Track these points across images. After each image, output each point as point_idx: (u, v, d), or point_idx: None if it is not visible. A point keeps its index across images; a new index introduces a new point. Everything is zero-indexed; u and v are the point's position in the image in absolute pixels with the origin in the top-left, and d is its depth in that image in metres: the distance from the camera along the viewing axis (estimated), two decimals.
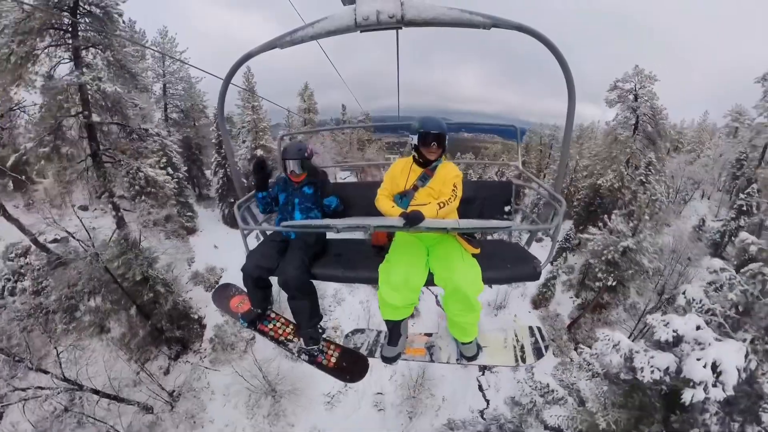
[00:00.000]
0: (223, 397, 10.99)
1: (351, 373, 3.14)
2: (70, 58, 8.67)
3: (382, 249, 2.63)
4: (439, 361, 2.96)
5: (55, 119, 8.11)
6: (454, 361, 2.92)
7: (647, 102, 17.35)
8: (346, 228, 2.05)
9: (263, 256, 2.77)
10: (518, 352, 3.00)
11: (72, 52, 8.52)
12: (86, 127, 8.75)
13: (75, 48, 8.38)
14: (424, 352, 3.02)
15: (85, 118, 8.41)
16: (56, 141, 8.44)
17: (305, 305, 2.81)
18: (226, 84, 2.15)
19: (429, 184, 2.40)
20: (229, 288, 3.79)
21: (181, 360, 11.22)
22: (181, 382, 10.51)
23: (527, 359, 2.95)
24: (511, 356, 2.97)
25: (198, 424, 9.98)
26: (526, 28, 1.64)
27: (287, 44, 1.75)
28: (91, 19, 8.04)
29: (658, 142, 17.34)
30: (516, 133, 3.56)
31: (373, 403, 11.74)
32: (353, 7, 1.61)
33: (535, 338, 3.10)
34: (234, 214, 2.69)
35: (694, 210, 27.44)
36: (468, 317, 2.47)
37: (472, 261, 2.34)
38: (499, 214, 3.03)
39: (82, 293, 10.91)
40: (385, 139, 42.97)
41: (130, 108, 8.94)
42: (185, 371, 10.73)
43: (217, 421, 10.44)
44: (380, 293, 2.40)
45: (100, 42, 8.51)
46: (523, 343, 3.07)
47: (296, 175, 2.90)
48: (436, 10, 1.60)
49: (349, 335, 3.35)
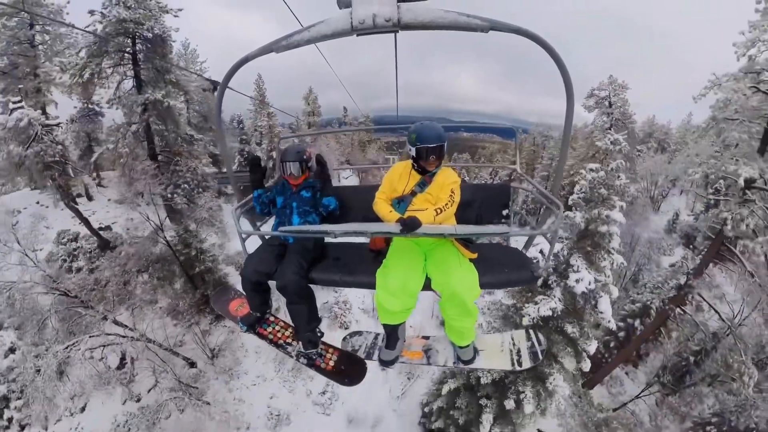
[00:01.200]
0: (255, 355, 13.08)
1: (349, 376, 3.11)
2: (132, 76, 10.71)
3: (379, 253, 2.63)
4: (436, 364, 2.96)
5: (126, 126, 10.12)
6: (451, 364, 2.93)
7: (620, 108, 19.46)
8: (343, 233, 2.06)
9: (261, 261, 2.78)
10: (514, 356, 3.01)
11: (134, 72, 10.56)
12: (146, 133, 10.79)
13: (136, 69, 10.43)
14: (422, 355, 3.03)
15: (147, 125, 10.43)
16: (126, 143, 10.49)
17: (303, 309, 2.80)
18: (223, 87, 2.17)
19: (427, 190, 2.42)
20: (228, 291, 3.77)
21: (221, 324, 13.30)
22: (221, 341, 12.55)
23: (523, 363, 2.97)
24: (508, 360, 2.98)
25: (234, 376, 12.11)
26: (524, 30, 1.65)
27: (283, 48, 1.74)
28: (149, 45, 10.11)
29: (629, 144, 19.45)
30: (515, 134, 3.63)
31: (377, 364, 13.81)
32: (349, 11, 1.59)
33: (531, 342, 3.11)
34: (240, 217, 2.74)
35: (672, 205, 29.61)
36: (464, 321, 2.50)
37: (470, 266, 2.35)
38: (497, 217, 3.01)
39: (131, 271, 12.93)
40: (384, 139, 43.87)
41: (180, 117, 10.96)
42: (224, 333, 12.84)
43: (250, 374, 12.56)
44: (378, 298, 2.41)
45: (156, 63, 10.55)
46: (520, 347, 3.09)
47: (294, 178, 2.89)
48: (433, 13, 1.58)
49: (347, 338, 3.39)
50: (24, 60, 15.25)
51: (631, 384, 16.30)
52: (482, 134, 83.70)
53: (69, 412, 10.84)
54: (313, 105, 32.73)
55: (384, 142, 44.04)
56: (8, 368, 11.00)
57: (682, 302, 11.64)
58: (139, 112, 10.36)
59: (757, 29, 9.08)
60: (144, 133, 10.70)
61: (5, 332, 11.72)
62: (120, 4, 9.57)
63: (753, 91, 9.03)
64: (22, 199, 16.60)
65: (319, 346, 3.07)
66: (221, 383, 11.69)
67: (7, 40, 14.67)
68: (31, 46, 15.33)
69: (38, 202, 16.26)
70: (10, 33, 14.84)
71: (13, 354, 11.33)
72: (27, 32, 15.16)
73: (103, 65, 10.36)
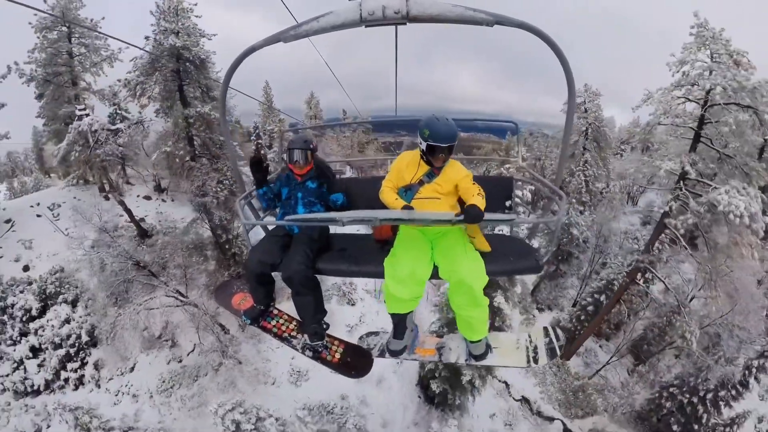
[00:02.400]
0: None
1: (355, 368, 3.07)
2: (176, 90, 12.71)
3: (385, 243, 2.63)
4: (447, 360, 2.93)
5: (173, 132, 12.13)
6: (463, 361, 2.88)
7: (594, 113, 21.82)
8: (351, 221, 2.07)
9: (266, 252, 2.74)
10: (531, 352, 2.93)
11: (178, 87, 12.57)
12: (188, 138, 12.82)
13: (180, 85, 12.46)
14: (434, 352, 2.99)
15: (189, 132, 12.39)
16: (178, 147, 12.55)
17: (310, 301, 2.77)
18: (229, 77, 2.13)
19: (435, 181, 2.44)
20: (231, 285, 3.74)
21: None
22: None
23: (540, 360, 2.87)
24: (523, 357, 2.90)
25: (261, 341, 13.95)
26: (528, 25, 1.66)
27: (291, 38, 1.74)
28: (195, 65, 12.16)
29: (602, 144, 21.87)
30: (517, 129, 3.65)
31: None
32: (359, 2, 1.61)
33: (549, 338, 3.00)
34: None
35: (648, 200, 32.08)
36: (473, 311, 2.47)
37: (476, 254, 2.39)
38: (500, 209, 3.04)
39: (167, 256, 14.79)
40: (382, 139, 43.90)
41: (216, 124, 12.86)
42: None
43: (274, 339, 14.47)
44: (386, 287, 2.41)
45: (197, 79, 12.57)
46: (537, 344, 2.99)
47: (300, 167, 2.85)
48: (441, 6, 1.60)
49: (362, 337, 3.35)
50: (64, 69, 17.17)
51: (604, 355, 18.40)
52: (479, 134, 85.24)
53: (120, 371, 12.73)
54: (315, 109, 34.79)
55: (381, 142, 44.19)
56: (66, 335, 12.88)
57: (635, 276, 13.82)
58: (185, 121, 12.34)
59: (688, 51, 11.36)
60: (188, 139, 12.68)
61: (59, 307, 13.60)
62: (172, 33, 11.60)
63: (683, 101, 11.30)
64: (60, 194, 18.40)
65: (324, 338, 3.04)
66: (250, 346, 13.72)
67: (51, 51, 16.56)
68: (69, 57, 17.22)
69: (75, 197, 18.08)
70: (53, 46, 16.73)
71: (68, 324, 13.22)
72: (66, 44, 17.06)
73: (154, 81, 12.34)
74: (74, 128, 11.90)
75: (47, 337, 12.75)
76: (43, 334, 12.87)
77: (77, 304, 13.59)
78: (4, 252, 15.28)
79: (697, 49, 11.27)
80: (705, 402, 12.41)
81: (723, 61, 10.75)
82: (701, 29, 11.28)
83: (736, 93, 10.01)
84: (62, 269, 14.19)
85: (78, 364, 12.76)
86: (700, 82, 10.78)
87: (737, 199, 9.15)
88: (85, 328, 12.93)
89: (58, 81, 16.87)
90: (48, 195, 18.64)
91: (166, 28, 11.54)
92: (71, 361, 12.72)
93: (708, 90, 10.67)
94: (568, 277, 22.03)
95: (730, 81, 10.11)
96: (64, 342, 12.74)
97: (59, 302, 13.54)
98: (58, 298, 13.58)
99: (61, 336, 12.74)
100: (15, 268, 14.73)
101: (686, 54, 11.32)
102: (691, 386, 12.78)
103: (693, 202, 10.31)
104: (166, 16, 11.84)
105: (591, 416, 16.01)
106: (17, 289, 13.70)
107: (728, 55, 10.92)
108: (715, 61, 10.89)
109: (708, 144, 11.23)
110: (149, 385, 12.35)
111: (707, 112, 10.95)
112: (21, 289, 13.73)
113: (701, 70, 10.95)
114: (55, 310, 13.43)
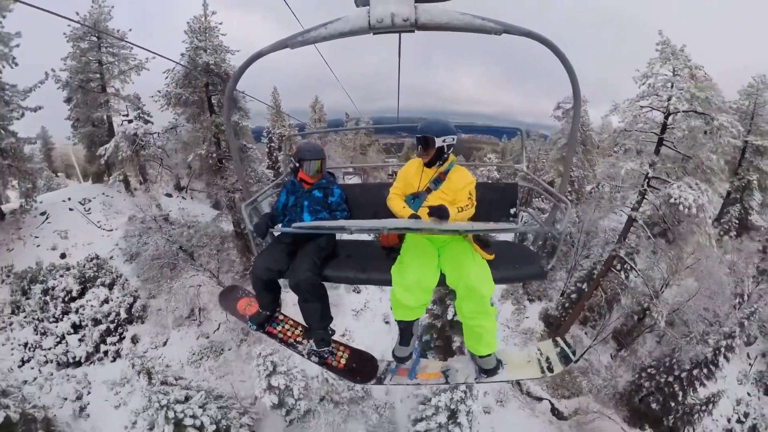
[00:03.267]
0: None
1: (361, 374, 3.06)
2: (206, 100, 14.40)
3: (392, 250, 2.66)
4: (455, 382, 2.89)
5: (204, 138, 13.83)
6: (473, 379, 2.81)
7: (581, 118, 23.58)
8: (359, 230, 2.07)
9: (273, 259, 2.75)
10: (543, 363, 2.91)
11: (207, 97, 14.28)
12: (217, 143, 14.54)
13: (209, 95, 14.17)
14: (440, 375, 2.94)
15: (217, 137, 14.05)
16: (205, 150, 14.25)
17: (317, 308, 2.79)
18: (235, 81, 2.16)
19: (441, 188, 2.51)
20: (236, 290, 3.78)
21: None
22: None
23: (555, 368, 2.86)
24: (537, 368, 2.87)
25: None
26: (535, 34, 1.69)
27: (298, 44, 1.74)
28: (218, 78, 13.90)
29: (588, 147, 23.66)
30: (521, 135, 3.64)
31: (383, 319, 17.53)
32: (367, 9, 1.60)
33: (561, 348, 3.00)
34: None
35: None
36: (482, 320, 2.45)
37: (483, 262, 2.42)
38: (505, 216, 3.07)
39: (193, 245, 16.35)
40: (382, 140, 45.24)
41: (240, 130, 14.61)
42: None
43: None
44: (394, 294, 2.44)
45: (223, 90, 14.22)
46: (548, 355, 2.98)
47: (312, 177, 2.91)
48: (449, 14, 1.61)
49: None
50: (93, 76, 18.80)
51: (589, 341, 19.99)
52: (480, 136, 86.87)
53: (154, 345, 14.34)
54: (319, 113, 36.34)
55: (382, 144, 45.61)
56: (107, 313, 14.48)
57: (611, 264, 15.49)
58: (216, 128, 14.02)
59: (652, 65, 13.09)
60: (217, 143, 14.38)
61: (97, 289, 15.21)
62: (203, 51, 13.34)
63: (648, 110, 13.03)
64: (89, 190, 20.03)
65: (330, 344, 3.06)
66: None
67: (84, 59, 18.19)
68: (99, 65, 18.85)
69: (104, 193, 19.69)
70: (84, 55, 18.34)
71: (107, 304, 14.82)
72: (97, 53, 18.68)
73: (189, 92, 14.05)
74: (121, 131, 13.49)
75: (87, 315, 14.37)
76: (83, 313, 14.47)
77: (113, 287, 15.20)
78: (42, 241, 16.89)
79: (661, 64, 13.00)
80: (681, 380, 13.33)
81: (683, 75, 12.48)
82: (665, 46, 13.03)
83: (691, 102, 11.72)
84: (97, 256, 15.81)
85: (116, 338, 14.37)
86: (662, 93, 12.50)
87: (687, 192, 10.82)
88: (123, 307, 14.54)
89: (89, 87, 18.49)
90: (77, 191, 20.27)
91: (198, 46, 13.25)
92: (111, 335, 14.33)
93: (669, 98, 12.38)
94: (557, 270, 23.65)
95: (685, 92, 11.83)
96: (104, 319, 14.34)
97: (97, 285, 15.16)
98: (96, 282, 15.19)
99: (102, 312, 14.34)
100: (53, 255, 16.34)
101: (650, 68, 13.05)
102: (667, 366, 13.93)
103: (652, 195, 11.98)
104: (197, 35, 13.54)
105: (577, 396, 17.52)
106: (57, 273, 15.29)
107: (687, 69, 12.66)
108: (676, 74, 12.63)
109: (671, 147, 12.94)
110: (180, 358, 13.96)
111: (670, 119, 12.68)
112: (61, 273, 15.32)
113: (663, 83, 12.67)
114: (93, 291, 15.05)
